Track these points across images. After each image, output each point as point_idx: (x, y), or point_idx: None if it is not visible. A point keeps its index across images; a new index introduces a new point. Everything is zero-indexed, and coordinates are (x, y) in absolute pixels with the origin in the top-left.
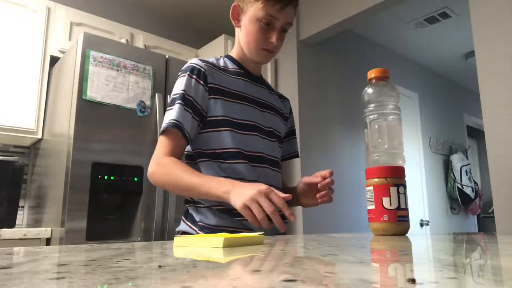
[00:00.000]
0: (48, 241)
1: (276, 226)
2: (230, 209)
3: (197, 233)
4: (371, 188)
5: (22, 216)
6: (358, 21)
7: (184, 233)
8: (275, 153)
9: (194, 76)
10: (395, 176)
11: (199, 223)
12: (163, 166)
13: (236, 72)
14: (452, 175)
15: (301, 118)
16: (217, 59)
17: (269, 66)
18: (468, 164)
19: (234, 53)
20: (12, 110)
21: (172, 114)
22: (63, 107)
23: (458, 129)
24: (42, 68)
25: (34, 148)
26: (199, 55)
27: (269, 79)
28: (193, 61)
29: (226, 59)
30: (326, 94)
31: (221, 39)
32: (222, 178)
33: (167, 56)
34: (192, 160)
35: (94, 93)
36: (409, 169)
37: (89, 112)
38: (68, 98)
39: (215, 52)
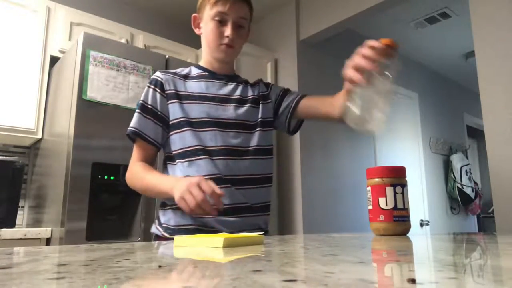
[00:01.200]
0: (48, 241)
1: (207, 211)
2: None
3: (162, 234)
4: (369, 188)
5: (22, 216)
6: (358, 21)
7: (156, 236)
8: (245, 143)
9: (152, 86)
10: (392, 176)
11: (163, 225)
12: (130, 172)
13: (199, 76)
14: (452, 175)
15: None
16: (182, 69)
17: (269, 66)
18: (468, 164)
19: (201, 59)
20: (12, 110)
21: (131, 123)
22: (63, 107)
23: (458, 129)
24: (42, 68)
25: (34, 148)
26: (199, 55)
27: (269, 79)
28: (154, 74)
29: (192, 67)
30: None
31: None
32: (170, 176)
33: (167, 56)
34: (164, 164)
35: (94, 93)
36: (409, 169)
37: (89, 112)
38: (68, 98)
39: None
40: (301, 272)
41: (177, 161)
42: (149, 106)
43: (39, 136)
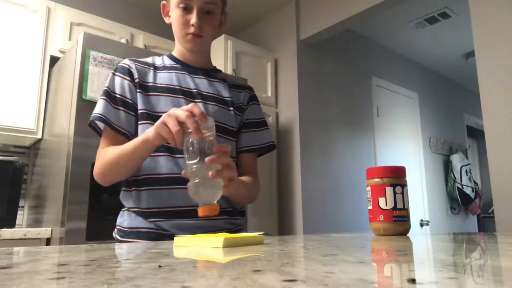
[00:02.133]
0: (48, 241)
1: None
2: (144, 211)
3: (115, 236)
4: (369, 188)
5: (22, 216)
6: (358, 21)
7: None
8: None
9: (119, 74)
10: (391, 176)
11: (117, 227)
12: (97, 159)
13: (171, 67)
14: (452, 175)
15: (301, 118)
16: (154, 58)
17: (269, 66)
18: (468, 164)
19: (174, 49)
20: (12, 110)
21: (95, 109)
22: (63, 107)
23: (458, 129)
24: (42, 68)
25: (34, 148)
26: None
27: (269, 79)
28: (122, 62)
29: (165, 57)
30: (326, 94)
31: (220, 39)
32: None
33: None
34: None
35: (94, 93)
36: (409, 169)
37: (89, 112)
38: (68, 98)
39: (214, 51)
40: (301, 272)
41: None
42: (117, 96)
43: (39, 136)
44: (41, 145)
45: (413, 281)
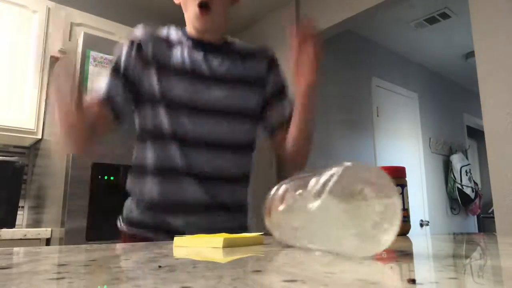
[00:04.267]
0: (48, 241)
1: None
2: (152, 204)
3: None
4: None
5: (22, 216)
6: (358, 21)
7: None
8: (224, 135)
9: (128, 44)
10: (391, 176)
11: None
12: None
13: (184, 44)
14: (452, 175)
15: None
16: (169, 30)
17: None
18: (468, 164)
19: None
20: (12, 110)
21: (101, 84)
22: None
23: (458, 129)
24: (42, 68)
25: (34, 148)
26: None
27: None
28: (135, 29)
29: (180, 32)
30: (326, 94)
31: None
32: None
33: None
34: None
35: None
36: (409, 169)
37: None
38: None
39: None
40: (301, 272)
41: (147, 141)
42: (119, 66)
43: (39, 136)
44: (41, 145)
45: (413, 281)
